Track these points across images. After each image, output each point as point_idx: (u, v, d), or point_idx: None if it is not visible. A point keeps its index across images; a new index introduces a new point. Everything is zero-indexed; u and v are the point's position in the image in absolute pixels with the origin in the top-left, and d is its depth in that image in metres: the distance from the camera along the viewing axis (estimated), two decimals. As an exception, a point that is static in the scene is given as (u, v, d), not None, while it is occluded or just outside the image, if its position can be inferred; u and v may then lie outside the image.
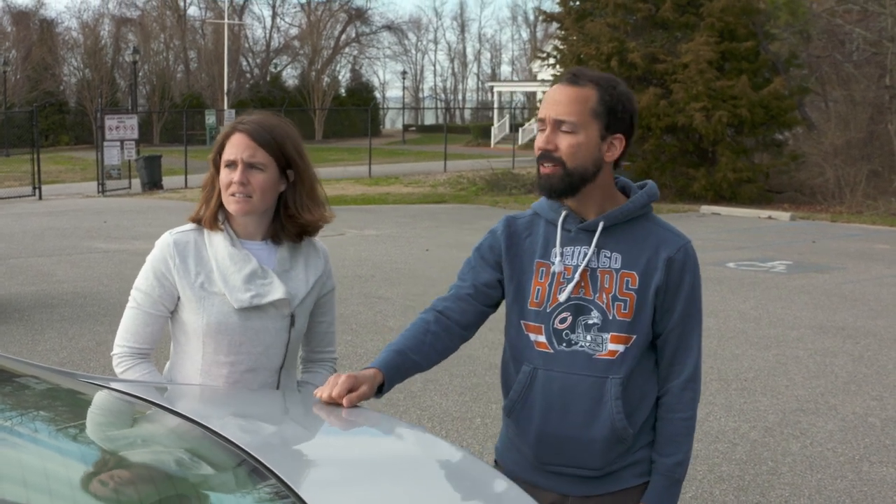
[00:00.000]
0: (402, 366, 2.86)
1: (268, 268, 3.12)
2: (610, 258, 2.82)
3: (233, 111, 52.75)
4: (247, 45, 77.37)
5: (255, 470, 2.26)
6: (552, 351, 2.84)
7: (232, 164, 3.06)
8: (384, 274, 13.55)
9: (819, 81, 28.63)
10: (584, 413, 2.81)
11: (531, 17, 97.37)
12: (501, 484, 2.48)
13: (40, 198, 27.05)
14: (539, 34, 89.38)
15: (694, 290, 2.84)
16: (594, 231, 2.83)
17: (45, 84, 62.24)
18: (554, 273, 2.84)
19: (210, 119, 50.34)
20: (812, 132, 27.38)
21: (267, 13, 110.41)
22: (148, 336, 3.14)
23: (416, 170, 38.67)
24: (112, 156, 28.27)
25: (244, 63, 75.85)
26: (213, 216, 3.12)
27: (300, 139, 3.20)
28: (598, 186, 2.81)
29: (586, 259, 2.81)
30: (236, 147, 3.05)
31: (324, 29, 77.39)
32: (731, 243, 17.63)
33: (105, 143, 28.15)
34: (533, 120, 50.75)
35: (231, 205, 3.08)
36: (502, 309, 3.05)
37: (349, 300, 11.58)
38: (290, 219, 3.17)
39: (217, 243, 3.11)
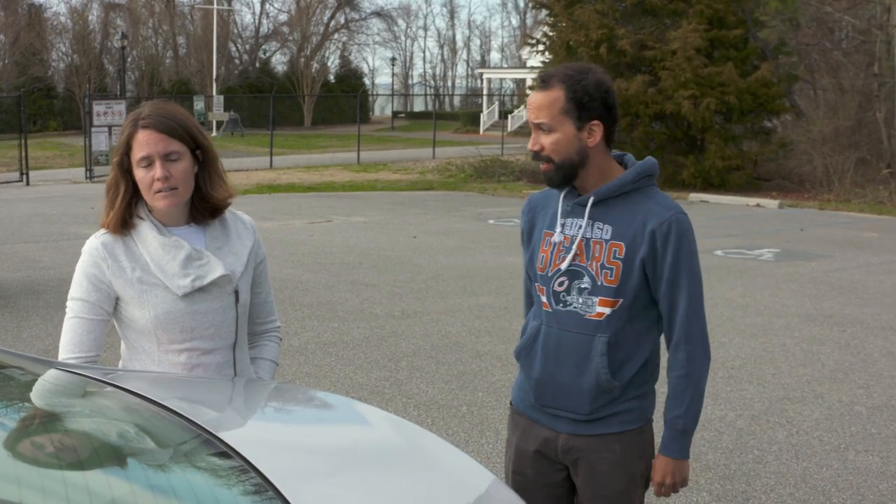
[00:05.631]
0: None
1: (201, 248, 3.11)
2: (602, 230, 3.12)
3: (221, 97, 52.79)
4: (236, 31, 77.12)
5: (242, 468, 2.25)
6: (552, 310, 3.19)
7: (147, 162, 3.01)
8: (371, 261, 13.53)
9: (808, 69, 28.63)
10: (574, 365, 3.16)
11: (521, 4, 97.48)
12: (476, 472, 2.48)
13: (28, 183, 26.94)
14: (529, 21, 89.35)
15: (678, 259, 3.08)
16: (587, 205, 3.15)
17: (33, 69, 61.88)
18: (554, 242, 3.19)
19: (198, 105, 50.22)
20: (800, 120, 27.40)
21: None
22: (92, 343, 3.09)
23: (405, 157, 38.61)
24: (100, 142, 28.13)
25: (233, 49, 75.58)
26: (120, 221, 3.07)
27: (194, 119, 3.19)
28: (593, 169, 3.12)
29: (581, 230, 3.13)
30: (147, 143, 3.01)
31: (313, 15, 77.11)
32: (719, 231, 17.64)
33: (93, 129, 28.01)
34: (522, 107, 50.84)
35: (159, 202, 3.04)
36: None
37: (336, 287, 11.55)
38: (201, 199, 3.15)
39: (145, 236, 3.07)
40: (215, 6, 64.28)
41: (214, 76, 62.31)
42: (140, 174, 3.03)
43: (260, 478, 2.15)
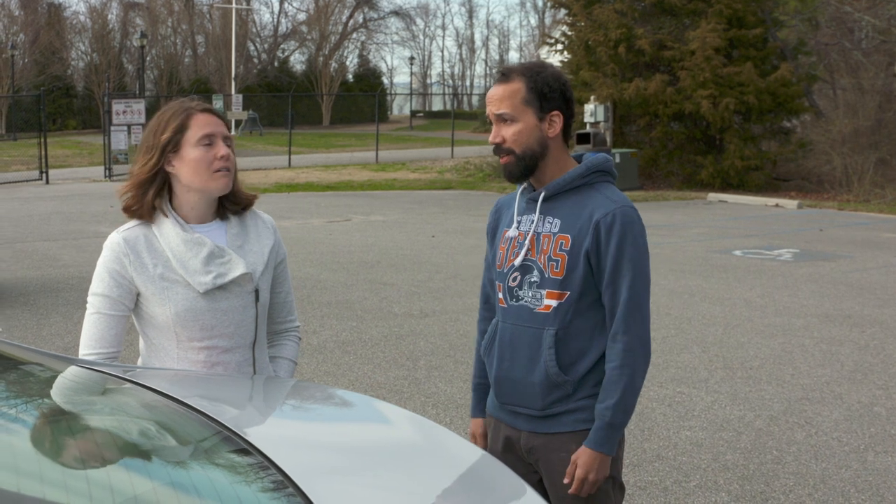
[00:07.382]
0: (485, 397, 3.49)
1: (223, 246, 3.11)
2: (551, 223, 3.19)
3: (240, 96, 52.81)
4: (254, 30, 77.26)
5: (262, 464, 2.25)
6: (506, 306, 3.26)
7: (209, 140, 3.05)
8: (390, 260, 13.54)
9: (827, 69, 28.51)
10: (526, 359, 3.22)
11: (539, 3, 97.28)
12: (493, 468, 2.48)
13: (47, 182, 27.06)
14: (547, 20, 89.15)
15: (621, 250, 3.10)
16: (539, 200, 3.23)
17: (52, 68, 62.21)
18: (509, 238, 3.27)
19: (217, 104, 50.25)
20: (820, 120, 27.28)
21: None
22: (113, 339, 3.09)
23: (423, 156, 38.61)
24: (119, 140, 28.25)
25: (252, 48, 75.72)
26: (153, 207, 3.09)
27: None
28: (551, 161, 3.20)
29: (533, 225, 3.21)
30: (209, 123, 3.06)
31: (332, 14, 77.21)
32: (737, 231, 17.60)
33: (112, 128, 28.13)
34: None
35: (217, 181, 3.07)
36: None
37: (355, 286, 11.57)
38: (233, 193, 3.18)
39: (168, 232, 3.08)
40: (234, 5, 64.30)
41: (233, 75, 62.34)
42: (197, 153, 3.04)
43: (280, 474, 2.16)
